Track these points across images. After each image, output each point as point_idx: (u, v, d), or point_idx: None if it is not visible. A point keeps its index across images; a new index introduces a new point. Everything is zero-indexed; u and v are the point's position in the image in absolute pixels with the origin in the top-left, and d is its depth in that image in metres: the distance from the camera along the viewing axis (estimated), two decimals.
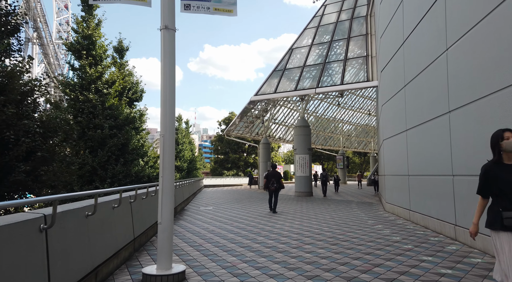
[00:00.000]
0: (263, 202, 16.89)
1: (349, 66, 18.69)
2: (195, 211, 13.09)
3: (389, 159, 11.98)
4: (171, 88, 4.52)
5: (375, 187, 22.01)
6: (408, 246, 6.28)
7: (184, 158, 50.71)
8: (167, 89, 4.50)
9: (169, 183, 4.58)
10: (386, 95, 11.99)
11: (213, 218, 10.83)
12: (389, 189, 12.03)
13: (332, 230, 8.26)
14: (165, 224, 4.51)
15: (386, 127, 12.16)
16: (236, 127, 33.89)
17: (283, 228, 8.66)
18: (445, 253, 5.72)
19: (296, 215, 11.30)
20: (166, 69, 4.50)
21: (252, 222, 9.87)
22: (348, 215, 11.25)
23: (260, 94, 20.36)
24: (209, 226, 9.11)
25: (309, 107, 41.03)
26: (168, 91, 4.51)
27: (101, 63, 16.08)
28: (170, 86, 4.50)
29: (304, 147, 21.79)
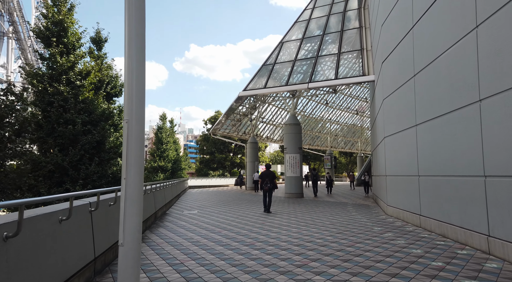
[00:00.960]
0: (252, 204, 15.67)
1: (343, 60, 17.67)
2: (178, 216, 11.76)
3: (391, 158, 10.94)
4: (139, 52, 3.26)
5: (365, 188, 20.94)
6: (438, 263, 5.16)
7: (169, 158, 49.04)
8: (132, 53, 3.22)
9: (136, 187, 3.30)
10: (389, 88, 10.95)
11: (198, 225, 9.55)
12: (391, 191, 10.99)
13: (337, 239, 7.10)
14: (129, 246, 3.21)
15: (389, 123, 11.12)
16: (223, 126, 32.56)
17: (279, 237, 7.45)
18: (489, 274, 4.62)
19: (291, 220, 10.12)
20: (131, 24, 3.23)
21: (242, 229, 8.63)
22: (348, 220, 10.13)
23: (249, 89, 19.14)
24: (193, 236, 7.83)
25: (297, 106, 40.03)
26: (135, 57, 3.24)
27: (73, 52, 14.55)
28: (137, 49, 3.23)
29: (295, 145, 20.69)
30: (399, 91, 9.91)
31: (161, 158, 48.28)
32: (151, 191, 10.13)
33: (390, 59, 10.85)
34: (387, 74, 11.35)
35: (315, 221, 10.07)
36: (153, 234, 8.20)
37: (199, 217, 11.31)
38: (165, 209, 13.30)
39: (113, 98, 21.74)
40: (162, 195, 12.84)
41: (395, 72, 10.44)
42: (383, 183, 12.50)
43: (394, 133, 10.50)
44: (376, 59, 14.70)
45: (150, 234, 8.18)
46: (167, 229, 8.94)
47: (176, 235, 7.97)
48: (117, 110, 21.37)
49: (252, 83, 19.44)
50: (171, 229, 8.91)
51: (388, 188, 11.33)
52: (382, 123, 11.97)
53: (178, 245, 6.76)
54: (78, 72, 14.34)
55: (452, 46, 6.65)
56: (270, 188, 11.93)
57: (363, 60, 16.64)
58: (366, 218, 10.58)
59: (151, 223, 9.81)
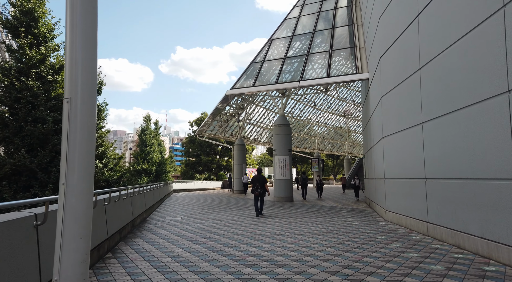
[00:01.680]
0: (241, 208, 14.69)
1: (335, 58, 16.91)
2: (159, 223, 10.69)
3: (391, 159, 10.14)
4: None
5: (356, 192, 19.77)
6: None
7: (153, 161, 47.62)
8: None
9: (80, 197, 2.30)
10: (388, 84, 10.17)
11: (181, 234, 8.52)
12: (391, 195, 10.19)
13: (340, 252, 6.19)
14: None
15: (388, 122, 10.34)
16: (209, 128, 31.49)
17: (274, 249, 6.50)
18: None
19: (284, 227, 9.19)
20: None
21: (231, 239, 7.65)
22: (346, 227, 9.26)
23: (237, 88, 18.18)
24: (174, 248, 6.81)
25: (286, 106, 39.27)
26: (79, 9, 2.27)
27: (45, 44, 13.30)
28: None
29: (284, 147, 19.83)
30: (401, 87, 9.12)
31: (145, 161, 46.82)
32: (128, 196, 9.06)
33: (390, 53, 10.08)
34: (386, 69, 10.58)
35: (311, 228, 9.16)
36: (127, 246, 7.14)
37: (182, 225, 10.27)
38: (145, 215, 12.21)
39: None
40: (142, 200, 11.75)
41: (395, 67, 9.66)
42: (380, 186, 11.71)
43: (394, 132, 9.71)
44: (371, 55, 13.98)
45: (125, 246, 7.12)
46: (145, 239, 7.89)
47: (154, 247, 6.94)
48: (97, 110, 20.05)
49: (240, 82, 18.50)
50: (150, 239, 7.86)
51: (387, 191, 10.53)
52: (380, 122, 11.19)
53: (155, 262, 5.73)
54: (50, 66, 13.08)
55: (471, 31, 5.86)
56: (261, 192, 12.02)
57: (356, 58, 15.91)
58: (364, 225, 9.73)
59: (128, 232, 8.74)
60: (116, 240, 7.31)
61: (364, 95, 17.58)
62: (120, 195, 7.55)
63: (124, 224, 8.21)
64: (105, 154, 19.37)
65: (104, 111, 20.43)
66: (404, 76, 8.84)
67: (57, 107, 13.02)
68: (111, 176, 19.13)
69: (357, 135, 60.58)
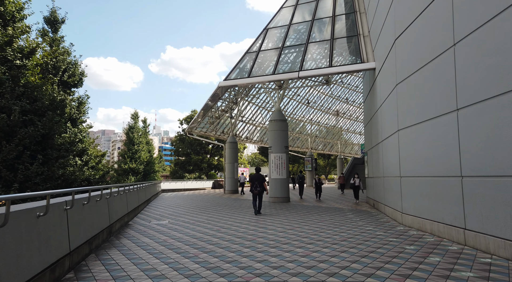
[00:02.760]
0: (235, 210, 13.28)
1: (337, 47, 15.62)
2: (143, 229, 9.22)
3: (409, 155, 8.85)
4: None
5: (355, 193, 17.41)
6: None
7: (141, 160, 45.82)
8: None
9: None
10: (406, 69, 8.89)
11: (167, 243, 7.08)
12: (409, 195, 8.89)
13: (371, 269, 4.84)
14: None
15: (406, 112, 9.04)
16: (200, 125, 29.97)
17: (284, 266, 5.12)
18: None
19: (289, 234, 7.81)
20: None
21: (228, 250, 6.25)
22: (361, 233, 7.94)
23: (231, 79, 16.75)
24: (157, 263, 5.38)
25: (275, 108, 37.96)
26: None
27: (13, 24, 11.68)
28: None
29: (281, 144, 18.50)
30: (425, 70, 7.84)
31: (132, 160, 45.00)
32: (104, 197, 7.58)
33: (409, 33, 8.79)
34: (402, 53, 9.29)
35: (320, 234, 7.81)
36: (98, 260, 5.68)
37: (169, 230, 8.82)
38: (127, 219, 10.72)
39: (71, 88, 18.79)
40: (123, 201, 10.26)
41: (416, 47, 8.37)
42: (393, 186, 10.43)
43: (415, 124, 8.42)
44: (379, 43, 12.73)
45: (94, 261, 5.65)
46: (122, 251, 6.42)
47: (132, 262, 5.49)
48: (76, 102, 18.46)
49: (234, 73, 17.07)
50: (128, 251, 6.40)
51: (404, 192, 9.24)
52: (395, 113, 9.90)
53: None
54: (19, 49, 11.47)
55: None
56: (260, 191, 11.97)
57: (360, 46, 14.64)
58: (381, 230, 8.43)
59: (103, 241, 7.26)
60: (85, 253, 5.84)
61: (367, 87, 16.34)
62: (91, 196, 6.07)
63: (97, 231, 6.74)
64: (86, 151, 17.76)
65: (85, 105, 18.81)
66: (430, 57, 7.55)
67: (27, 96, 11.40)
68: (92, 174, 17.53)
69: (350, 134, 59.73)
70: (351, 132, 59.97)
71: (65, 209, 4.98)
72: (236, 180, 28.83)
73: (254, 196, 12.08)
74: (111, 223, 8.13)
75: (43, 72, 14.52)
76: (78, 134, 17.19)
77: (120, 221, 9.35)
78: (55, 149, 12.52)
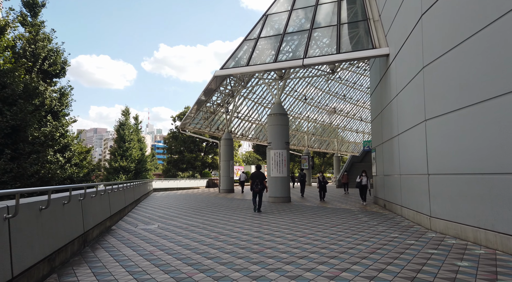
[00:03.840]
0: (233, 212, 11.87)
1: (344, 33, 14.27)
2: (127, 236, 7.79)
3: (443, 148, 7.52)
4: None
5: (362, 194, 15.18)
6: None
7: (132, 157, 44.17)
8: None
9: None
10: (440, 47, 7.56)
11: (153, 256, 5.66)
12: (442, 196, 7.57)
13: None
14: None
15: (437, 99, 7.71)
16: (193, 120, 28.47)
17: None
18: None
19: (301, 242, 6.44)
20: None
21: (231, 266, 4.85)
22: (389, 243, 6.60)
23: (228, 68, 15.30)
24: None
25: (274, 100, 36.60)
26: None
27: None
28: None
29: (281, 140, 17.15)
30: (468, 44, 6.50)
31: (123, 158, 43.35)
32: (75, 199, 6.13)
33: (442, 4, 7.45)
34: (433, 28, 7.95)
35: (339, 243, 6.45)
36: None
37: (158, 238, 7.40)
38: (110, 223, 9.26)
39: (52, 78, 17.20)
40: (105, 203, 8.80)
41: (455, 19, 7.04)
42: (416, 185, 9.11)
43: (451, 111, 7.09)
44: (393, 27, 11.40)
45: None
46: (94, 269, 4.99)
47: None
48: (58, 94, 16.87)
49: (231, 61, 15.62)
50: (102, 269, 4.97)
51: (434, 192, 7.92)
52: (419, 101, 8.57)
53: None
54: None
55: None
56: (260, 189, 12.00)
57: (371, 31, 13.30)
58: (409, 237, 7.10)
59: (72, 254, 5.81)
60: (42, 275, 4.40)
61: (376, 78, 15.03)
62: (50, 199, 4.62)
63: (63, 243, 5.30)
64: (68, 147, 16.20)
65: (68, 97, 17.23)
66: (478, 26, 6.21)
67: None
68: (75, 172, 15.99)
69: (347, 132, 58.61)
70: (348, 130, 58.89)
71: (5, 218, 3.54)
72: (231, 179, 27.42)
73: (254, 194, 12.19)
74: (85, 231, 6.68)
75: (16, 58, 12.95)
76: (60, 128, 15.64)
77: (99, 227, 7.90)
78: (28, 143, 10.99)
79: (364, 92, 53.47)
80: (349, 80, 48.49)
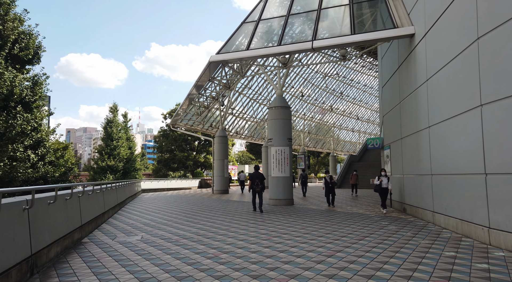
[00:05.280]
0: (232, 217, 10.02)
1: (357, 13, 12.54)
2: (99, 253, 5.92)
3: (511, 143, 5.81)
4: None
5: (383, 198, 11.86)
6: None
7: (120, 156, 41.97)
8: None
9: None
10: (507, 8, 5.84)
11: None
12: (508, 203, 5.84)
13: None
14: None
15: (504, 75, 5.99)
16: (186, 116, 26.55)
17: None
18: None
19: (334, 266, 4.65)
20: None
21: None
22: (453, 266, 4.85)
23: (225, 52, 13.44)
24: None
25: (270, 95, 34.87)
26: None
27: None
28: None
29: (283, 135, 15.43)
30: None
31: (110, 156, 41.13)
32: (15, 208, 4.25)
33: None
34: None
35: (386, 268, 4.68)
36: None
37: (139, 257, 5.54)
38: (80, 235, 7.37)
39: (25, 65, 15.15)
40: (73, 210, 6.92)
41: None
42: (462, 188, 7.40)
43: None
44: (420, 1, 9.70)
45: None
46: None
47: None
48: (30, 82, 14.83)
49: (228, 46, 13.77)
50: None
51: (495, 197, 6.19)
52: (473, 82, 6.84)
53: None
54: None
55: None
56: (261, 188, 12.08)
57: (390, 9, 11.59)
58: (476, 259, 5.37)
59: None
60: None
61: (393, 64, 13.34)
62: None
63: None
64: (42, 142, 14.19)
65: (43, 86, 15.19)
66: None
67: None
68: (50, 172, 14.00)
69: (343, 131, 57.13)
70: (344, 129, 57.49)
71: None
72: (226, 179, 25.59)
73: (254, 193, 12.31)
74: (35, 252, 4.79)
75: None
76: (32, 122, 13.63)
77: (61, 243, 6.01)
78: None
79: (361, 90, 52.14)
80: (347, 77, 47.06)
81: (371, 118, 60.32)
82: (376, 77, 50.87)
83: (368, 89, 53.49)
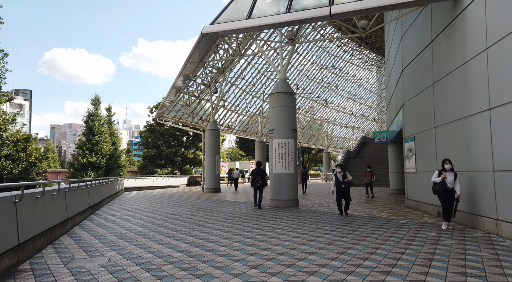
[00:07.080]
0: (231, 225, 7.73)
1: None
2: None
3: None
4: None
5: (444, 202, 7.72)
6: None
7: (103, 152, 39.15)
8: None
9: None
10: None
11: None
12: None
13: None
14: None
15: None
16: (174, 107, 24.08)
17: None
18: None
19: None
20: None
21: None
22: None
23: (221, 22, 11.08)
24: None
25: (264, 87, 32.62)
26: None
27: None
28: None
29: (287, 125, 13.29)
30: None
31: (92, 152, 38.29)
32: None
33: None
34: None
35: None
36: None
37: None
38: (15, 260, 4.99)
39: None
40: (9, 220, 4.54)
41: None
42: None
43: None
44: None
45: None
46: None
47: None
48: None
49: (225, 15, 11.41)
50: None
51: None
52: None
53: None
54: None
55: None
56: (261, 184, 12.22)
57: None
58: None
59: None
60: None
61: (424, 36, 11.21)
62: None
63: None
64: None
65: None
66: None
67: None
68: (8, 168, 11.48)
69: (337, 127, 55.27)
70: (338, 124, 55.64)
71: None
72: (217, 176, 23.26)
73: (255, 189, 12.43)
74: None
75: None
76: None
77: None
78: None
79: (357, 84, 50.36)
80: (343, 70, 45.16)
81: (365, 114, 58.68)
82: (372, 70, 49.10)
83: (363, 84, 51.73)
